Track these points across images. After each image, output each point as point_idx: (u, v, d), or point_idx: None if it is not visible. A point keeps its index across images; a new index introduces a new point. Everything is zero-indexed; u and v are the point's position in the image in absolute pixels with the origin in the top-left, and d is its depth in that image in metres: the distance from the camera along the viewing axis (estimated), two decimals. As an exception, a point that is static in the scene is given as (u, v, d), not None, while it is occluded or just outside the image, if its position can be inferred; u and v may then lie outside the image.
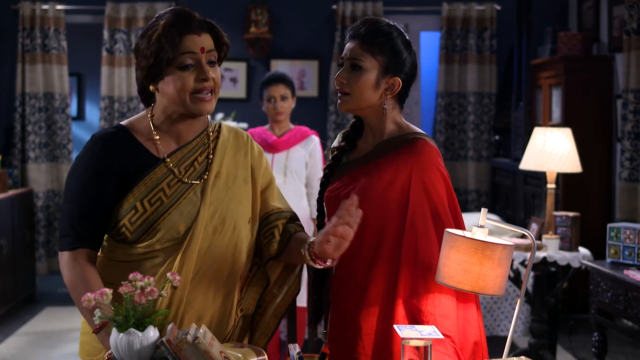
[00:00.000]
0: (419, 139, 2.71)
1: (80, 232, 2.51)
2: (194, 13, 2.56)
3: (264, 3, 8.41)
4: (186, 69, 2.52)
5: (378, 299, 2.63)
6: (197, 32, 2.53)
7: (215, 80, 2.56)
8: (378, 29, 2.74)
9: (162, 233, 2.52)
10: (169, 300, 2.50)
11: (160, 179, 2.55)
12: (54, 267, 8.56)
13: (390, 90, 2.74)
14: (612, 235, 4.58)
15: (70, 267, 2.49)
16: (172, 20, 2.52)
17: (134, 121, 2.67)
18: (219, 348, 2.22)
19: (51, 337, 6.52)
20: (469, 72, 8.44)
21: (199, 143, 2.66)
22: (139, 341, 2.18)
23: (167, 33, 2.49)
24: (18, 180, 7.99)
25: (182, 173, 2.59)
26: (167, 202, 2.54)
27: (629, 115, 6.30)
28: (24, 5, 8.31)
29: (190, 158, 2.63)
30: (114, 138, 2.59)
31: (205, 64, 2.54)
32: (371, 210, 2.65)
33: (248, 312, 2.75)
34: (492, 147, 8.50)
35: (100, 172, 2.53)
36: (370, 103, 2.74)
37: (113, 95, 8.50)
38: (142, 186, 2.53)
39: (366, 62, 2.71)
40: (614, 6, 7.22)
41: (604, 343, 4.66)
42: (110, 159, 2.54)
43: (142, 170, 2.55)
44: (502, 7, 8.40)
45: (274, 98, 5.36)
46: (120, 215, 2.52)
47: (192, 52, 2.51)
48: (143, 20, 8.37)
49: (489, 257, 2.30)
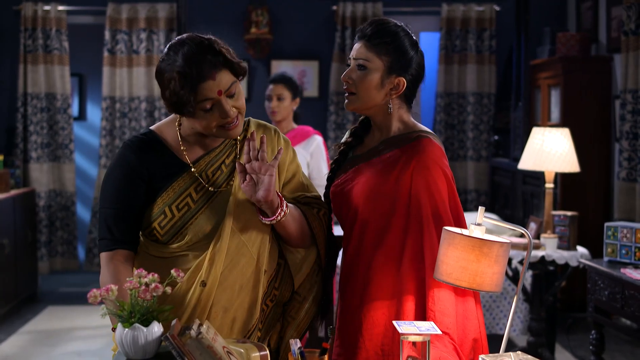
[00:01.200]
0: (423, 137, 2.74)
1: (116, 234, 2.61)
2: (206, 47, 2.54)
3: (264, 4, 8.44)
4: (208, 111, 2.56)
5: (378, 295, 2.67)
6: (212, 77, 2.53)
7: (238, 108, 2.61)
8: (384, 29, 2.77)
9: (190, 237, 2.61)
10: (198, 295, 2.58)
11: (188, 185, 2.64)
12: (55, 267, 8.62)
13: (395, 90, 2.78)
14: (610, 234, 4.63)
15: (105, 268, 2.59)
16: (185, 69, 2.51)
17: (163, 127, 2.75)
18: (222, 343, 2.27)
19: (53, 336, 6.55)
20: (468, 72, 8.49)
21: (227, 146, 2.75)
22: (143, 336, 2.24)
23: (184, 85, 2.51)
24: (20, 180, 8.03)
25: (209, 178, 2.68)
26: (194, 207, 2.63)
27: (627, 115, 6.34)
28: (26, 6, 8.36)
29: (217, 162, 2.71)
30: (143, 144, 2.68)
31: (226, 103, 2.57)
32: (373, 205, 2.70)
33: (281, 300, 2.83)
34: (491, 147, 8.54)
35: (131, 178, 2.63)
36: (376, 102, 2.79)
37: (114, 96, 8.54)
38: (171, 192, 2.63)
39: (371, 62, 2.75)
40: (612, 7, 7.25)
41: (601, 341, 4.71)
42: (140, 165, 2.64)
43: (170, 175, 2.64)
44: (501, 7, 8.44)
45: (270, 97, 5.41)
46: (151, 218, 2.63)
47: (210, 98, 2.54)
48: (144, 21, 8.42)
49: (486, 255, 2.34)
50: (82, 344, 6.34)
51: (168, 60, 2.56)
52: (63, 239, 8.64)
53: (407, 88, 2.79)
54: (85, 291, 7.79)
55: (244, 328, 2.67)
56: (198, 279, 2.57)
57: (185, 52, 2.53)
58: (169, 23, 8.40)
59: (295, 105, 5.47)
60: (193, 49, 2.53)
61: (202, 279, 2.58)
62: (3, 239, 6.95)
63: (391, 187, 2.70)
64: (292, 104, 5.44)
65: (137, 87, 8.51)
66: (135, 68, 8.49)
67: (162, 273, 2.36)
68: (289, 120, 5.47)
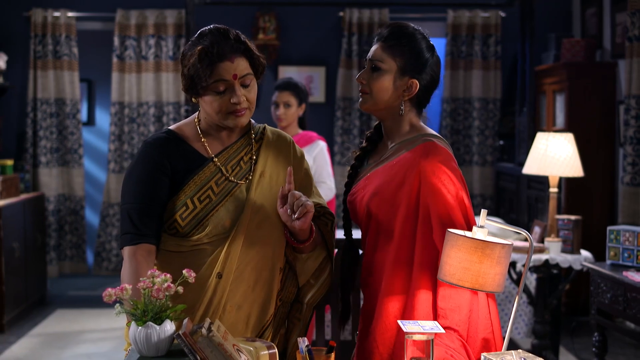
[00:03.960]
0: (428, 140, 2.77)
1: (140, 228, 2.67)
2: (231, 34, 2.70)
3: (272, 10, 8.51)
4: (220, 93, 2.68)
5: (389, 300, 2.71)
6: (230, 59, 2.67)
7: (249, 100, 2.73)
8: (401, 31, 2.82)
9: (210, 228, 2.69)
10: (214, 287, 2.67)
11: (209, 178, 2.73)
12: (64, 270, 8.69)
13: (407, 91, 2.81)
14: (612, 237, 4.68)
15: (128, 263, 2.66)
16: (208, 46, 2.65)
17: (182, 125, 2.85)
18: (232, 341, 2.33)
19: (62, 338, 6.61)
20: (474, 78, 8.54)
21: (244, 143, 2.85)
22: (156, 334, 2.31)
23: (203, 59, 2.64)
24: (30, 185, 8.10)
25: (228, 172, 2.77)
26: (215, 199, 2.71)
27: (631, 120, 6.38)
28: (35, 13, 8.44)
29: (236, 157, 2.81)
30: (164, 141, 2.77)
31: (239, 89, 2.69)
32: (384, 210, 2.75)
33: (288, 300, 2.90)
34: (496, 152, 8.59)
35: (154, 173, 2.71)
36: (388, 104, 2.82)
37: (123, 101, 8.61)
38: (192, 184, 2.71)
39: (385, 63, 2.80)
40: (616, 13, 7.30)
41: (604, 343, 4.76)
42: (162, 160, 2.72)
43: (192, 169, 2.73)
44: (506, 14, 8.50)
45: (277, 104, 5.47)
46: (172, 211, 2.70)
47: (225, 79, 2.67)
48: (153, 27, 8.49)
49: (489, 256, 2.40)
50: (92, 346, 6.40)
51: (194, 42, 2.71)
52: (72, 243, 8.71)
53: (420, 91, 2.82)
54: (94, 295, 7.93)
55: (258, 324, 2.75)
56: (215, 271, 2.66)
57: (211, 34, 2.69)
58: (178, 29, 8.47)
59: (302, 111, 5.53)
60: (219, 32, 2.69)
61: (219, 271, 2.67)
62: (13, 243, 7.02)
63: (399, 191, 2.73)
64: (298, 110, 5.51)
65: (145, 93, 8.58)
66: (144, 74, 8.56)
67: (179, 268, 2.45)
68: (294, 125, 5.53)
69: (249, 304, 2.73)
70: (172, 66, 8.50)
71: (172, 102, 8.52)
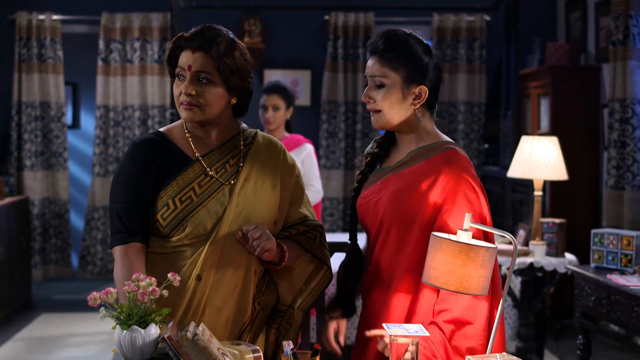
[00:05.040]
0: (450, 149, 2.74)
1: (130, 227, 2.69)
2: (210, 32, 2.76)
3: (257, 13, 8.51)
4: (179, 78, 2.75)
5: (395, 307, 2.70)
6: (192, 50, 2.72)
7: (203, 99, 2.72)
8: (394, 40, 2.76)
9: (190, 229, 2.70)
10: (194, 288, 2.68)
11: (193, 179, 2.74)
12: (49, 274, 8.67)
13: (418, 99, 2.76)
14: (596, 240, 4.70)
15: (120, 262, 2.67)
16: (184, 34, 2.76)
17: (171, 127, 2.88)
18: (217, 345, 2.33)
19: (47, 342, 6.59)
20: (459, 81, 8.57)
21: (230, 147, 2.85)
22: (141, 338, 2.30)
23: (174, 44, 2.75)
24: (14, 188, 8.08)
25: (213, 173, 2.78)
26: (197, 200, 2.72)
27: (615, 124, 6.43)
28: (20, 16, 8.42)
29: (221, 160, 2.81)
30: (151, 142, 2.80)
31: (190, 80, 2.72)
32: (399, 216, 2.72)
33: (268, 305, 2.89)
34: (481, 156, 8.62)
35: (141, 172, 2.73)
36: (403, 117, 2.77)
37: (108, 104, 8.60)
38: (175, 184, 2.72)
39: (388, 77, 2.73)
40: (600, 17, 7.34)
41: (588, 346, 4.79)
42: (148, 159, 2.75)
43: (177, 169, 2.75)
44: (491, 17, 8.52)
45: (265, 107, 5.48)
46: (155, 210, 2.71)
47: (181, 67, 2.74)
48: (138, 31, 8.48)
49: (473, 259, 2.40)
50: (77, 350, 6.38)
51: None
52: (57, 247, 8.69)
53: (429, 95, 2.77)
54: (79, 298, 7.90)
55: (236, 327, 2.74)
56: (194, 273, 2.67)
57: (200, 26, 2.79)
58: (163, 32, 8.46)
59: (289, 114, 5.56)
60: (205, 26, 2.79)
61: (198, 273, 2.68)
62: (-2, 247, 7.00)
63: (418, 199, 2.69)
64: (286, 113, 5.53)
65: (130, 96, 8.57)
66: (129, 77, 8.55)
67: (162, 270, 2.49)
68: (281, 129, 5.55)
69: (229, 307, 2.73)
70: (157, 69, 8.49)
71: (157, 105, 8.51)
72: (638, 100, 6.32)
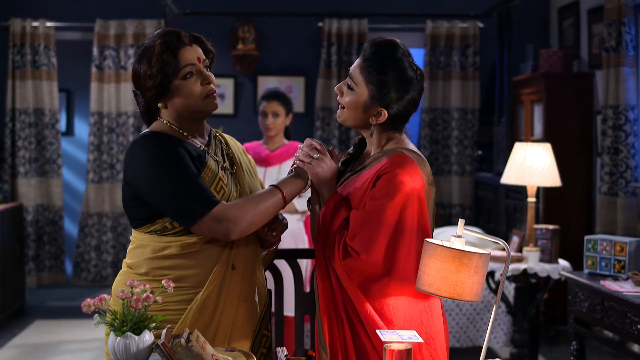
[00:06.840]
0: (397, 152, 2.75)
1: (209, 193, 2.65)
2: (177, 30, 2.78)
3: (251, 20, 8.53)
4: (189, 77, 2.71)
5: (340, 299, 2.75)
6: (189, 44, 2.75)
7: (214, 84, 2.78)
8: (381, 59, 2.75)
9: None
10: (230, 278, 2.73)
11: (215, 169, 2.76)
12: (43, 281, 8.66)
13: (376, 117, 2.77)
14: (590, 247, 4.71)
15: (233, 206, 2.65)
16: (165, 38, 2.71)
17: (157, 128, 2.79)
18: (211, 351, 2.34)
19: (41, 349, 6.58)
20: (452, 88, 8.59)
21: (216, 140, 2.89)
22: (135, 344, 2.31)
23: (165, 50, 2.69)
24: (8, 195, 8.06)
25: (227, 165, 2.85)
26: (227, 190, 2.75)
27: (608, 130, 6.44)
28: (14, 23, 8.42)
29: (218, 150, 2.86)
30: (161, 134, 2.74)
31: (204, 70, 2.75)
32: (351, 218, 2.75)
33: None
34: (475, 162, 8.64)
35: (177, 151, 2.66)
36: (360, 123, 2.82)
37: (102, 111, 8.61)
38: (205, 176, 2.71)
39: (359, 86, 2.77)
40: (593, 24, 7.37)
41: (582, 352, 4.79)
42: (175, 145, 2.69)
43: (199, 160, 2.73)
44: (484, 24, 8.54)
45: (265, 114, 5.49)
46: None
47: (191, 63, 2.72)
48: (132, 37, 8.49)
49: (466, 265, 2.41)
50: (71, 357, 6.37)
51: (146, 47, 2.74)
52: (51, 254, 8.68)
53: (389, 119, 2.77)
54: (73, 305, 7.89)
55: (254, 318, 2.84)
56: (229, 263, 2.71)
57: (158, 35, 2.75)
58: (157, 39, 8.46)
59: (289, 120, 5.57)
60: (164, 30, 2.77)
61: (232, 262, 2.72)
62: (-9, 253, 6.98)
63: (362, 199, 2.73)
64: (285, 120, 5.54)
65: (124, 103, 8.58)
66: (123, 84, 8.56)
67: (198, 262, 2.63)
68: (281, 136, 5.56)
69: (251, 295, 2.82)
70: (152, 76, 8.48)
71: (152, 112, 8.50)
72: (631, 106, 6.33)
